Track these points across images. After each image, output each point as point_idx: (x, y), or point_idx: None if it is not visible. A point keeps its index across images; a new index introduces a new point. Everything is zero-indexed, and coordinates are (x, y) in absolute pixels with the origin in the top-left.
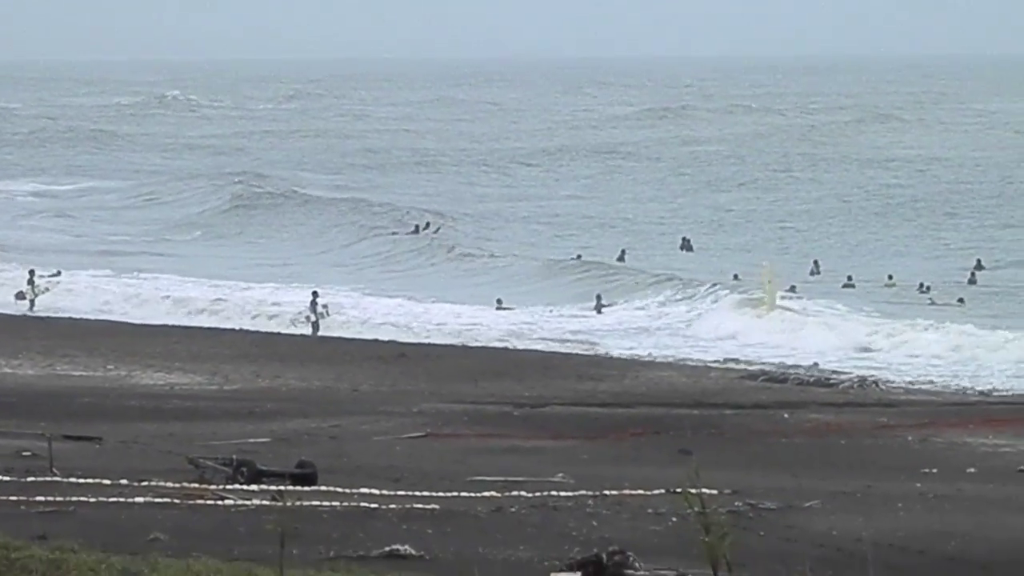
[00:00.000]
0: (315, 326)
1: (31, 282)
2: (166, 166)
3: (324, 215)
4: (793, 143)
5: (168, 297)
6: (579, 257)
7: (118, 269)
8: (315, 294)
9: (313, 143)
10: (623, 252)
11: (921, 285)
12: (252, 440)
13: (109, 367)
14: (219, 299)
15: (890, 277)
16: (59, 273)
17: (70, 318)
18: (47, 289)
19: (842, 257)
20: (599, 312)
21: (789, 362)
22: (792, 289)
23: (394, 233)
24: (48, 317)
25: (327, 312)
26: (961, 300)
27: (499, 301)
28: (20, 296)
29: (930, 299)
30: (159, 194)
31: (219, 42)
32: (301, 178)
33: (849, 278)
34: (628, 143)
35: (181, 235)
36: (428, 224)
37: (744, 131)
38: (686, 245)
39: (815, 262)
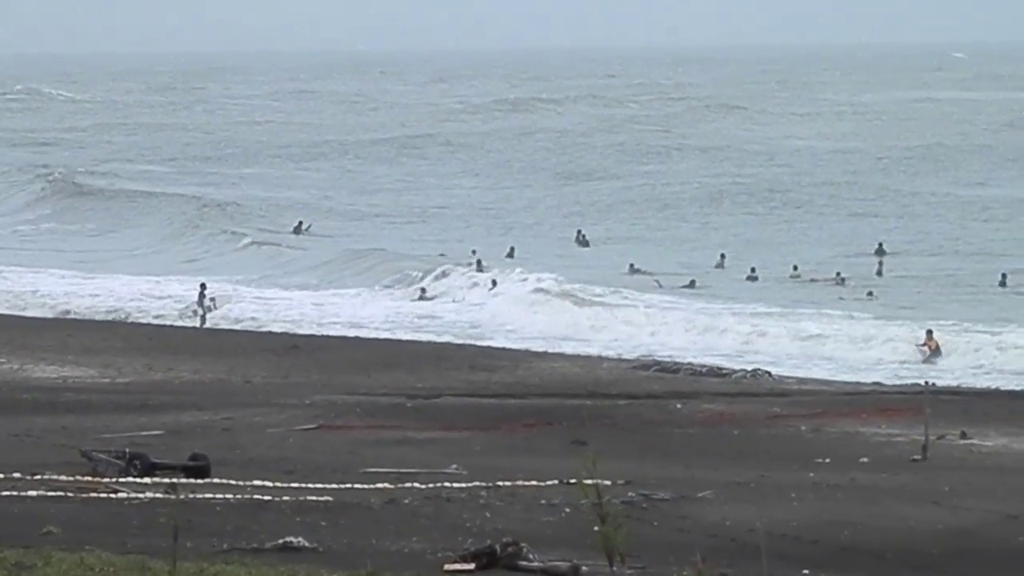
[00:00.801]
0: (203, 319)
1: None
2: None
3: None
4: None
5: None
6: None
7: None
8: (203, 286)
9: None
10: (512, 249)
11: (837, 275)
12: (145, 433)
13: (1, 360)
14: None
15: (795, 268)
16: None
17: None
18: None
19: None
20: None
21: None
22: (692, 284)
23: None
24: None
25: (215, 305)
26: (871, 293)
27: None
28: None
29: (841, 296)
30: None
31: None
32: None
33: (752, 270)
34: (472, 134)
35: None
36: (301, 223)
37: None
38: (581, 240)
39: (721, 255)
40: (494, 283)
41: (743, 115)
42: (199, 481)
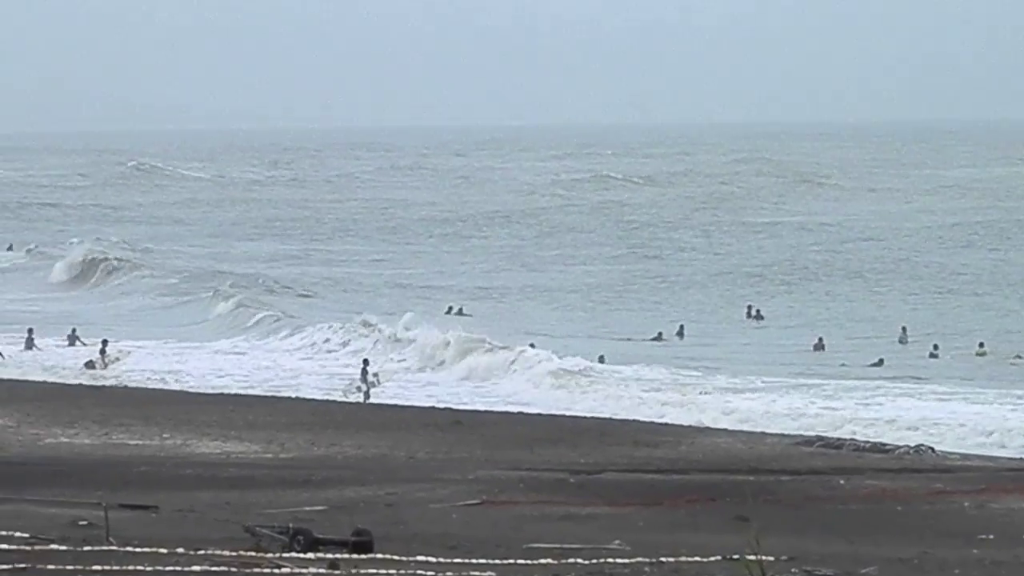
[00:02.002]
0: (366, 395)
1: (103, 351)
2: None
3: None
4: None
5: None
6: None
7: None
8: (366, 362)
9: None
10: (681, 327)
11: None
12: (308, 508)
13: (165, 435)
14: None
15: (981, 345)
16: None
17: (125, 387)
18: (117, 358)
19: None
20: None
21: None
22: (879, 363)
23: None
24: (103, 385)
25: (378, 380)
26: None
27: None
28: (90, 365)
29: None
30: None
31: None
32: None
33: (935, 347)
34: (550, 208)
35: None
36: (451, 307)
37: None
38: (755, 315)
39: (903, 328)
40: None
41: (860, 189)
42: (363, 557)
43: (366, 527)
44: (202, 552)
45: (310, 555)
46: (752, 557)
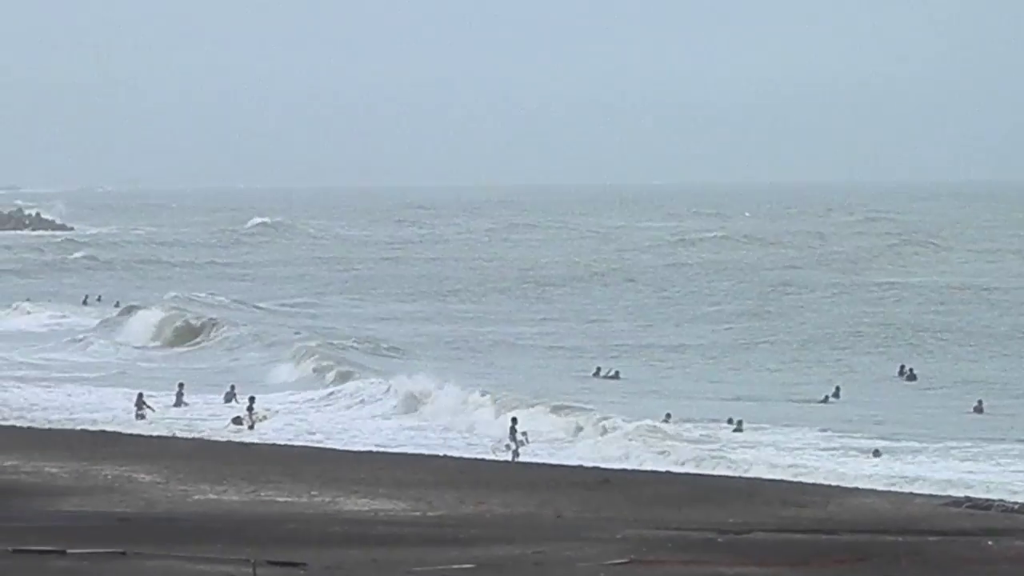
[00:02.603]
0: (515, 453)
1: (250, 408)
2: None
3: None
4: None
5: None
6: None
7: None
8: (514, 420)
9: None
10: (837, 389)
11: None
12: (456, 566)
13: (313, 493)
14: None
15: None
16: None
17: (273, 444)
18: (265, 417)
19: None
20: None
21: None
22: None
23: None
24: (252, 443)
25: (527, 439)
26: None
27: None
28: (237, 421)
29: None
30: None
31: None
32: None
33: None
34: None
35: None
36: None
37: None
38: (908, 375)
39: None
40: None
41: (988, 250)
42: None
43: None
44: None
45: None
46: None
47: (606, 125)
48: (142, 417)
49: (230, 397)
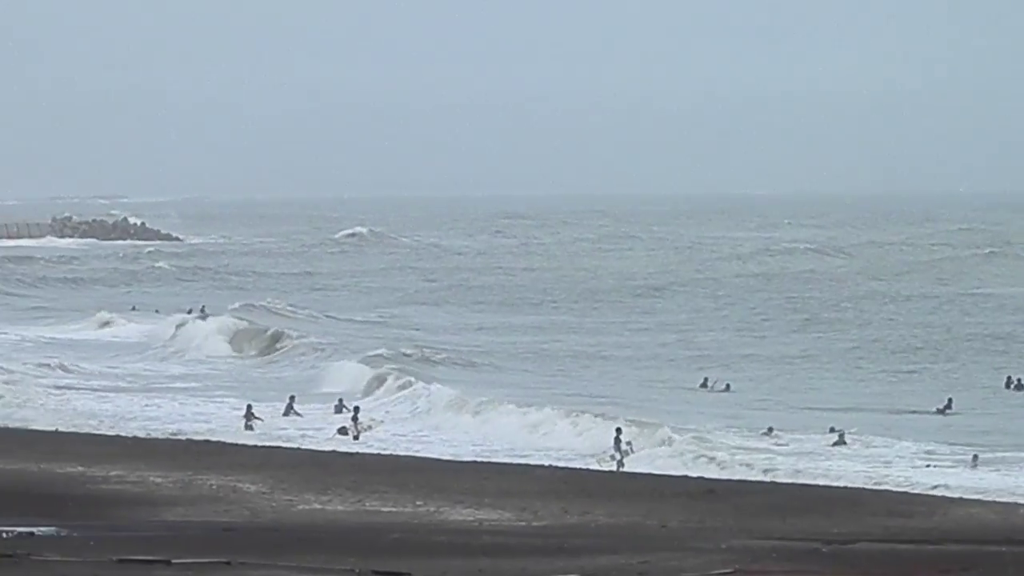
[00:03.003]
0: (619, 463)
1: (355, 418)
2: None
3: None
4: None
5: None
6: None
7: None
8: (618, 431)
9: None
10: (950, 401)
11: None
12: None
13: (418, 502)
14: None
15: None
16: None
17: (379, 454)
18: (370, 427)
19: None
20: None
21: None
22: None
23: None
24: (357, 452)
25: (631, 448)
26: None
27: None
28: (343, 431)
29: None
30: None
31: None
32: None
33: None
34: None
35: None
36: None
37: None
38: (1017, 385)
39: None
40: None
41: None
42: None
43: None
44: None
45: None
46: None
47: (707, 133)
48: (251, 428)
49: (339, 408)
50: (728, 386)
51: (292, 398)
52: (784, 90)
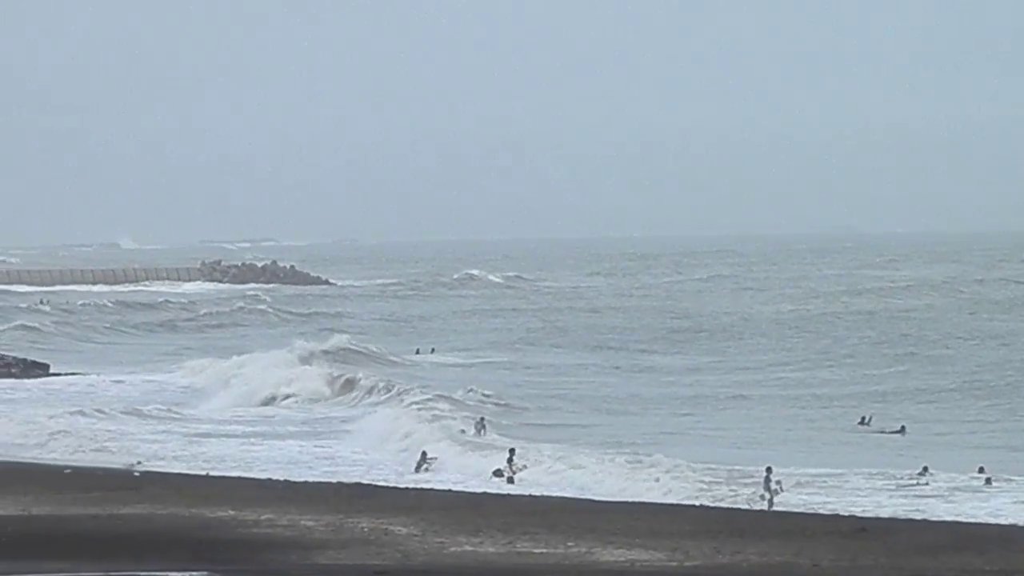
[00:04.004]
0: (770, 502)
1: (510, 460)
2: None
3: None
4: None
5: None
6: None
7: None
8: (769, 469)
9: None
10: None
11: None
12: None
13: (570, 543)
14: None
15: None
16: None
17: (530, 495)
18: (524, 467)
19: None
20: None
21: None
22: None
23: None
24: (508, 494)
25: (781, 488)
26: None
27: None
28: (498, 473)
29: None
30: None
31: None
32: None
33: None
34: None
35: None
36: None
37: None
38: None
39: None
40: None
41: None
42: None
43: None
44: None
45: None
46: None
47: (839, 169)
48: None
49: (480, 428)
50: (903, 428)
51: (424, 454)
52: (926, 124)
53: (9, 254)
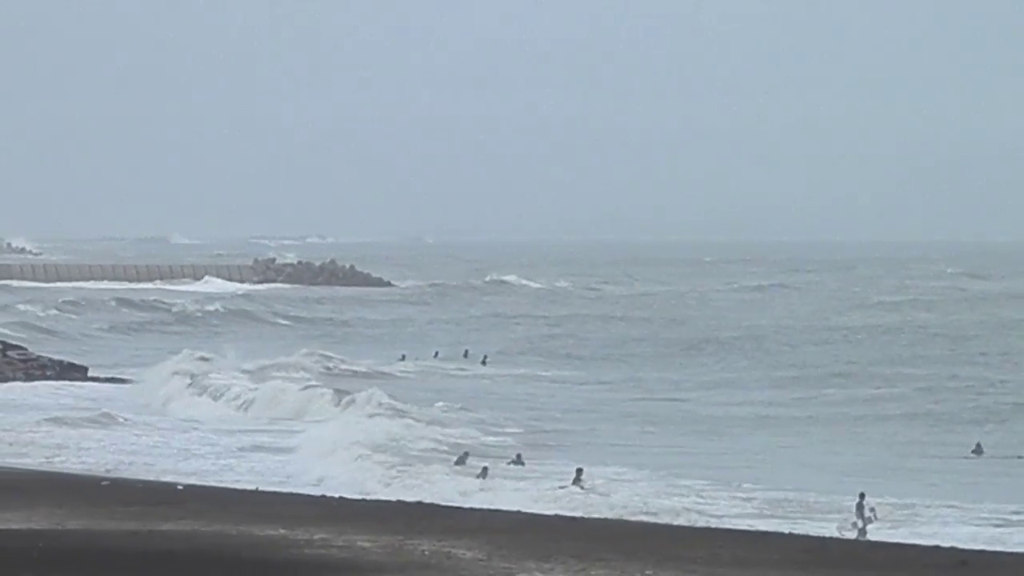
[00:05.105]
0: (862, 531)
1: (577, 479)
2: None
3: None
4: None
5: None
6: None
7: None
8: (862, 496)
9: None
10: None
11: None
12: None
13: (647, 571)
14: None
15: None
16: None
17: (605, 519)
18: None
19: None
20: None
21: None
22: None
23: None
24: (581, 517)
25: (875, 516)
26: None
27: None
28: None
29: None
30: None
31: None
32: None
33: None
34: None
35: None
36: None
37: None
38: None
39: None
40: None
41: None
42: None
43: None
44: None
45: None
46: None
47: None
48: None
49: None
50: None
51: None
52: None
53: (67, 250)
